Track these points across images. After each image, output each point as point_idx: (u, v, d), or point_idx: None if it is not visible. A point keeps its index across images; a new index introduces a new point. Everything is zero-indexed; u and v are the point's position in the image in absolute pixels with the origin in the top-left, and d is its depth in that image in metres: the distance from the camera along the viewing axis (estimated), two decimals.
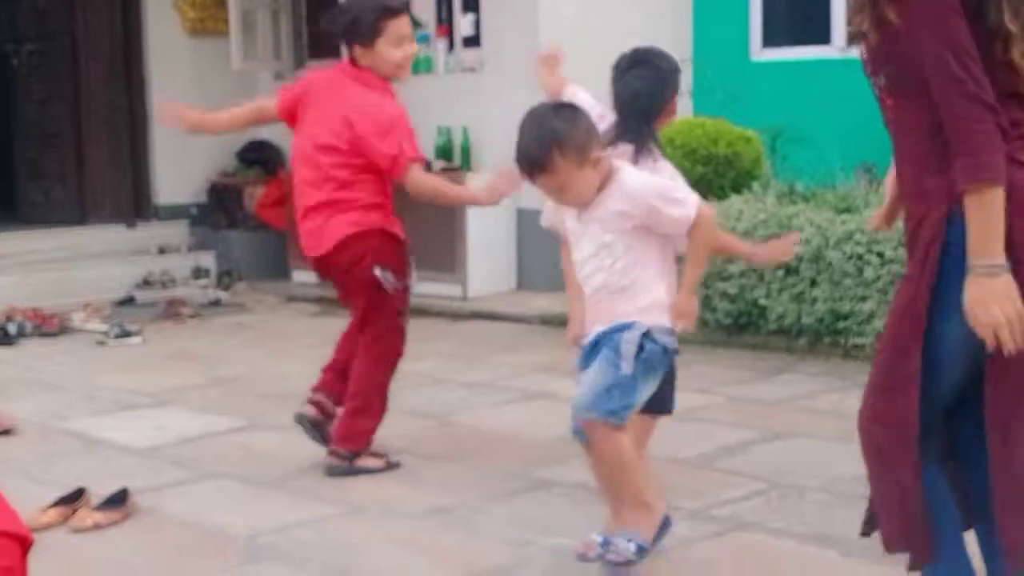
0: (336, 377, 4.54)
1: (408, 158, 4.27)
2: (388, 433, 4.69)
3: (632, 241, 3.23)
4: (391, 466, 4.45)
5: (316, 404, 4.53)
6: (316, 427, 4.52)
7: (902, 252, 5.66)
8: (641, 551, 3.25)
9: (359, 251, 4.32)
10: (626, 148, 3.57)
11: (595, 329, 3.30)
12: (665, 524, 3.40)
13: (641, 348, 3.20)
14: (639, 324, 3.23)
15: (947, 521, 2.61)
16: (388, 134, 4.24)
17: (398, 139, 4.25)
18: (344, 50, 4.50)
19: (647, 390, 3.28)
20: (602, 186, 3.23)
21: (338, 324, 7.34)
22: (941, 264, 2.46)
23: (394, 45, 4.29)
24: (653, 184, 3.29)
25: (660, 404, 3.60)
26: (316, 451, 4.55)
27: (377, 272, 4.30)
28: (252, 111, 4.66)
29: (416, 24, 8.34)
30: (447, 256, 7.74)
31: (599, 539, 3.26)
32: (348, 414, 4.43)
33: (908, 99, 2.51)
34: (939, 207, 2.47)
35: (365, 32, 4.27)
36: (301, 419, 4.53)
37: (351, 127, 4.25)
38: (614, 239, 3.23)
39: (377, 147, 4.25)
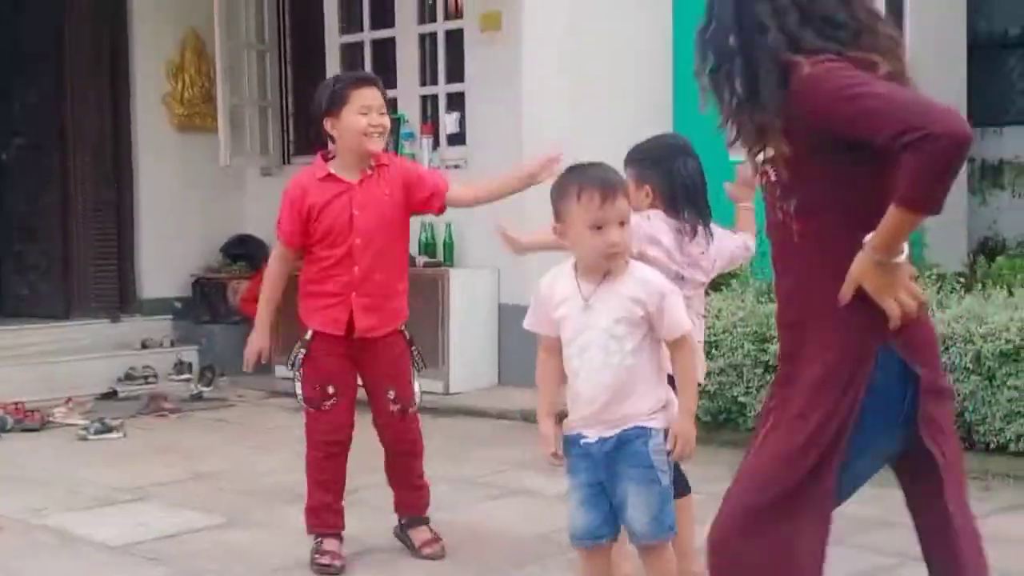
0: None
1: (278, 230, 4.50)
2: (369, 528, 4.68)
3: (640, 339, 3.22)
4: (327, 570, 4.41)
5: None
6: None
7: None
8: None
9: None
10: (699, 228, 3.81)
11: (595, 432, 3.26)
12: None
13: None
14: (655, 430, 3.25)
15: None
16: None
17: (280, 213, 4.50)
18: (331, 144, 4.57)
19: None
20: (615, 272, 3.24)
21: None
22: (864, 404, 2.52)
23: (360, 113, 4.34)
24: (662, 279, 3.32)
25: (683, 486, 3.81)
26: (296, 549, 4.53)
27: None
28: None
29: (400, 120, 8.55)
30: (430, 351, 7.74)
31: None
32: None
33: (822, 219, 2.53)
34: (864, 343, 2.51)
35: (333, 101, 4.37)
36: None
37: None
38: (625, 332, 3.20)
39: None
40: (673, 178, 3.85)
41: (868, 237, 2.44)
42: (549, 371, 3.37)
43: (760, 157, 2.59)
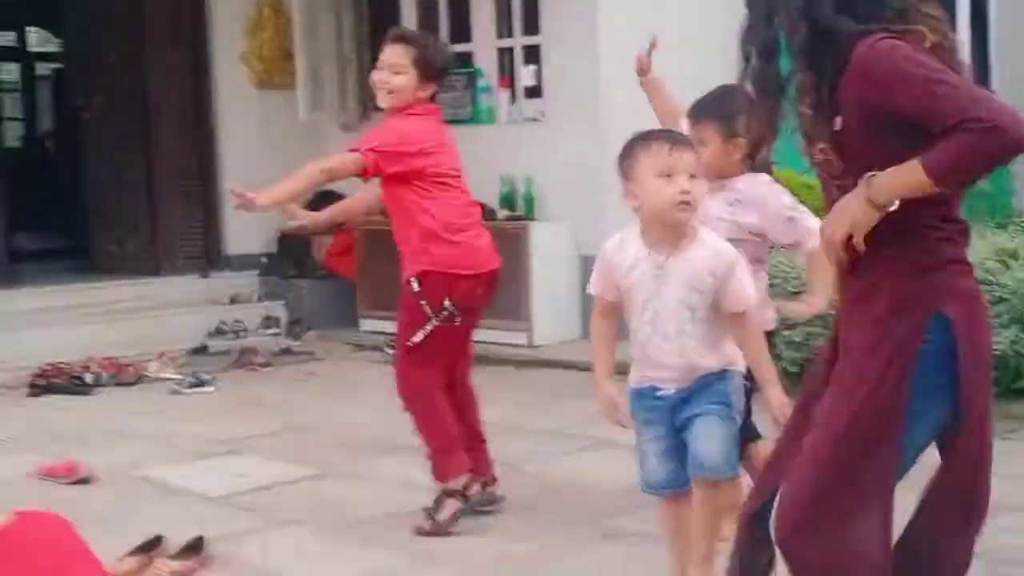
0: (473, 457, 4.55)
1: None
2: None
3: (709, 306, 3.23)
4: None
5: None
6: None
7: None
8: None
9: None
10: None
11: (672, 385, 3.29)
12: None
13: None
14: (732, 372, 3.30)
15: None
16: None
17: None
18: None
19: None
20: (686, 241, 3.24)
21: None
22: (914, 372, 2.52)
23: (375, 67, 4.53)
24: (732, 249, 3.30)
25: (752, 431, 3.80)
26: (388, 499, 4.61)
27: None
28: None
29: (476, 73, 8.54)
30: (513, 304, 7.80)
31: None
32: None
33: None
34: (914, 309, 2.52)
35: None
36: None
37: None
38: (698, 302, 3.21)
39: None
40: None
41: (872, 175, 2.44)
42: (606, 333, 3.38)
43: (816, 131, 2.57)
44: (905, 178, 2.41)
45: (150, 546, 4.14)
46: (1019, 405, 5.63)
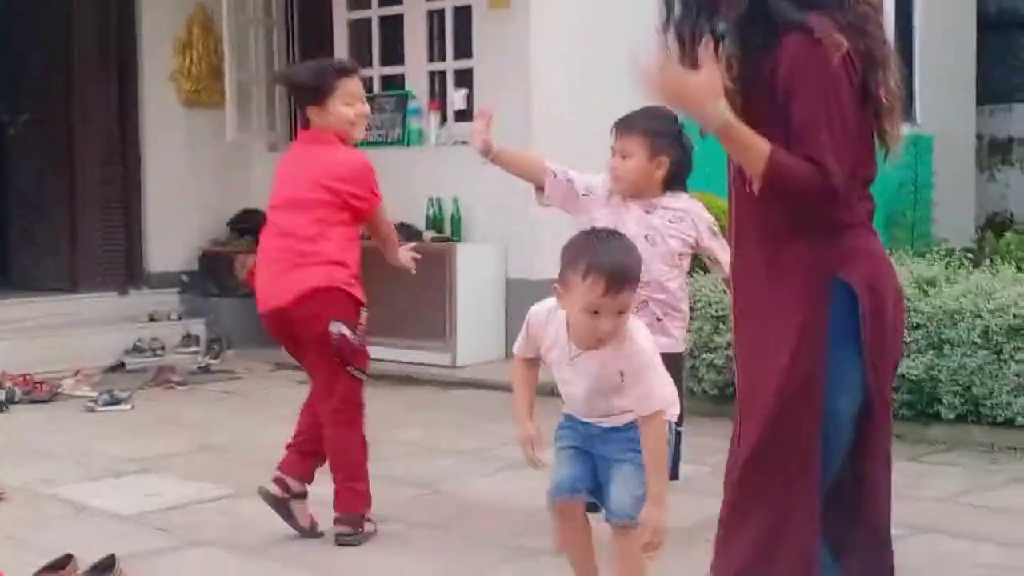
0: (299, 458, 4.52)
1: (379, 198, 4.48)
2: (376, 500, 4.69)
3: (621, 388, 3.23)
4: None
5: (279, 482, 4.47)
6: (279, 504, 4.47)
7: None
8: None
9: (319, 306, 4.32)
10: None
11: (589, 417, 3.32)
12: None
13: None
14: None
15: None
16: (364, 179, 4.41)
17: (371, 183, 4.43)
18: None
19: None
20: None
21: None
22: (827, 342, 2.54)
23: (346, 103, 4.38)
24: (649, 349, 3.20)
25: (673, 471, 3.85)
26: None
27: (334, 329, 4.29)
28: None
29: (407, 97, 8.54)
30: (437, 325, 7.79)
31: None
32: (342, 485, 4.43)
33: None
34: (815, 276, 2.55)
35: (318, 92, 4.39)
36: (266, 496, 4.47)
37: (325, 179, 4.34)
38: (608, 389, 3.21)
39: (355, 192, 4.37)
40: (684, 156, 4.05)
41: (728, 110, 2.49)
42: (527, 375, 3.40)
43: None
44: (750, 145, 2.49)
45: (60, 564, 4.04)
46: (934, 429, 5.71)
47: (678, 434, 3.49)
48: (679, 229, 4.06)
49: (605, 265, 3.03)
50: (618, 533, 3.30)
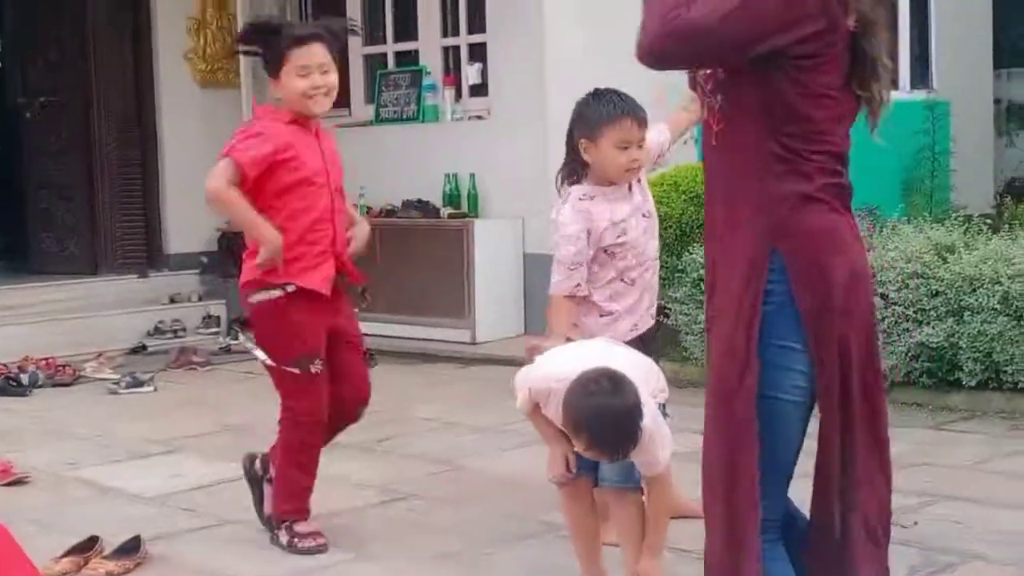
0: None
1: (226, 152, 4.01)
2: (396, 477, 4.72)
3: None
4: (320, 549, 4.12)
5: (263, 462, 4.32)
6: (252, 481, 4.36)
7: (906, 294, 5.72)
8: None
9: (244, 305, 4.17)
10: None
11: None
12: None
13: None
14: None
15: None
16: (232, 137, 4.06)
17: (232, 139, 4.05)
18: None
19: None
20: None
21: None
22: (765, 307, 2.43)
23: (299, 75, 3.99)
24: (654, 423, 3.15)
25: None
26: (327, 496, 4.58)
27: (242, 338, 4.16)
28: None
29: (422, 72, 8.53)
30: (456, 301, 7.80)
31: None
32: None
33: (740, 123, 2.48)
34: (757, 242, 2.44)
35: (271, 63, 4.08)
36: (247, 470, 4.35)
37: None
38: None
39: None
40: None
41: None
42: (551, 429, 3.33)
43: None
44: None
45: (85, 547, 4.08)
46: (954, 396, 5.70)
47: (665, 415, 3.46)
48: (644, 187, 3.87)
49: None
50: (612, 499, 3.37)
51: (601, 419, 3.01)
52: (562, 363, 3.20)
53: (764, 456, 2.45)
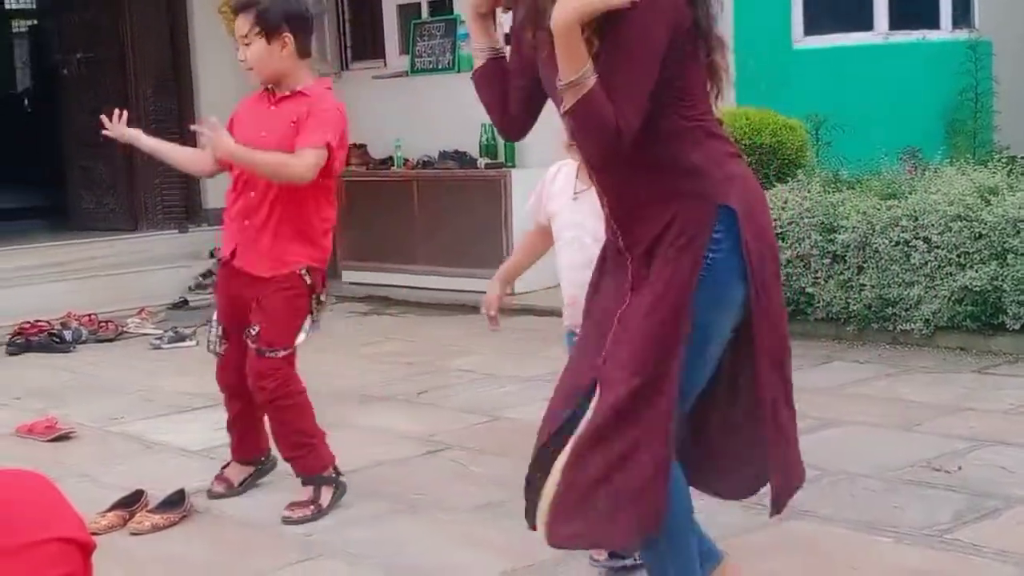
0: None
1: None
2: (438, 428, 4.72)
3: None
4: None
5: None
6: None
7: (948, 237, 5.65)
8: None
9: None
10: None
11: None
12: None
13: None
14: None
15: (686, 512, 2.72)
16: None
17: None
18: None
19: None
20: None
21: (386, 323, 7.40)
22: (707, 261, 2.51)
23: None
24: None
25: None
26: (367, 449, 4.60)
27: None
28: None
29: (456, 21, 8.47)
30: (494, 252, 7.78)
31: None
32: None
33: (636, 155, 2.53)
34: (699, 205, 2.52)
35: None
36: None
37: None
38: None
39: None
40: None
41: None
42: (527, 242, 3.66)
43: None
44: (575, 53, 2.48)
45: (131, 500, 4.13)
46: (998, 340, 5.65)
47: None
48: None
49: None
50: None
51: None
52: None
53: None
